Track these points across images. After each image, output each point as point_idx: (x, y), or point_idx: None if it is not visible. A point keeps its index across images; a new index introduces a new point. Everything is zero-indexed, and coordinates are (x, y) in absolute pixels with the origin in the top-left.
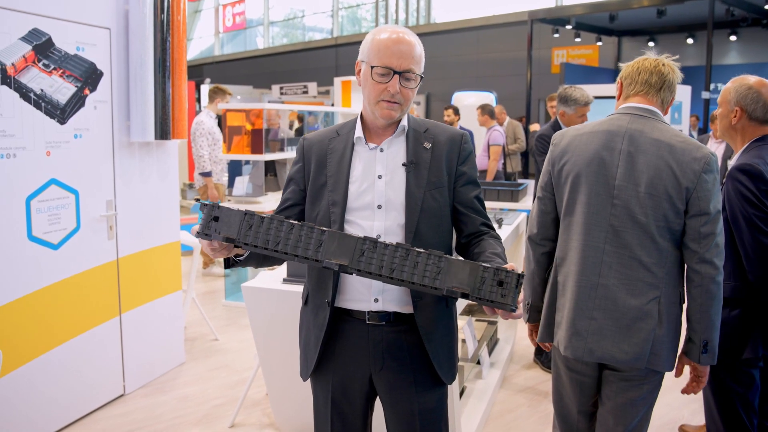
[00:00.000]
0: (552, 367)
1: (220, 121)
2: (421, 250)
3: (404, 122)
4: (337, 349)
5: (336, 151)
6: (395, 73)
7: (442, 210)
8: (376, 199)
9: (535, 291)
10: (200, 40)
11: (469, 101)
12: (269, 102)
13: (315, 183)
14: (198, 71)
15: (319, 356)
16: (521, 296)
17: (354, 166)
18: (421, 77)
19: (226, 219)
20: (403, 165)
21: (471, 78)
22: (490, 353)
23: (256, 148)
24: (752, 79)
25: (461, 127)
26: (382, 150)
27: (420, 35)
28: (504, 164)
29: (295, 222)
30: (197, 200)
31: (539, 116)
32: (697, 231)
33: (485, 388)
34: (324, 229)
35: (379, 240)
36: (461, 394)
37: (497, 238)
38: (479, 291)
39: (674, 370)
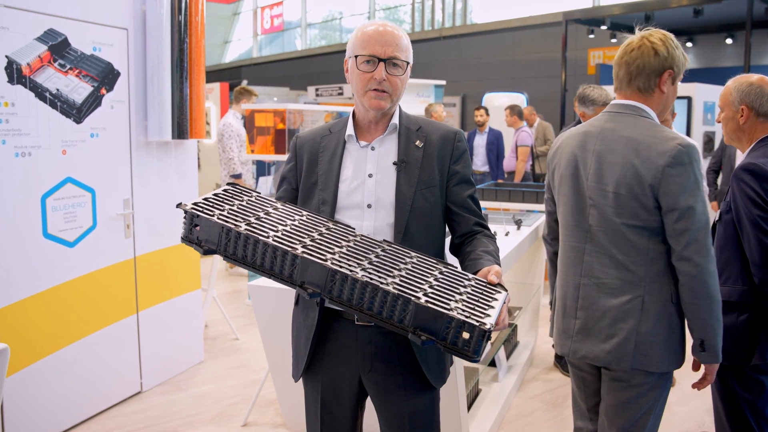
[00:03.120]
0: None
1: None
2: (390, 289)
3: (395, 120)
4: (326, 350)
5: (327, 150)
6: (380, 60)
7: (433, 210)
8: (366, 198)
9: (553, 288)
10: (239, 43)
11: (500, 102)
12: (305, 103)
13: (306, 181)
14: (236, 73)
15: (309, 357)
16: (501, 324)
17: (345, 164)
18: (408, 64)
19: (206, 228)
20: (394, 164)
21: (506, 79)
22: (508, 356)
23: (279, 149)
24: (753, 76)
25: (491, 129)
26: (373, 148)
27: (457, 36)
28: (532, 165)
29: (270, 242)
30: (178, 205)
31: (574, 118)
32: (671, 227)
33: (500, 392)
34: (297, 253)
35: (350, 272)
36: (475, 397)
37: (491, 236)
38: (444, 338)
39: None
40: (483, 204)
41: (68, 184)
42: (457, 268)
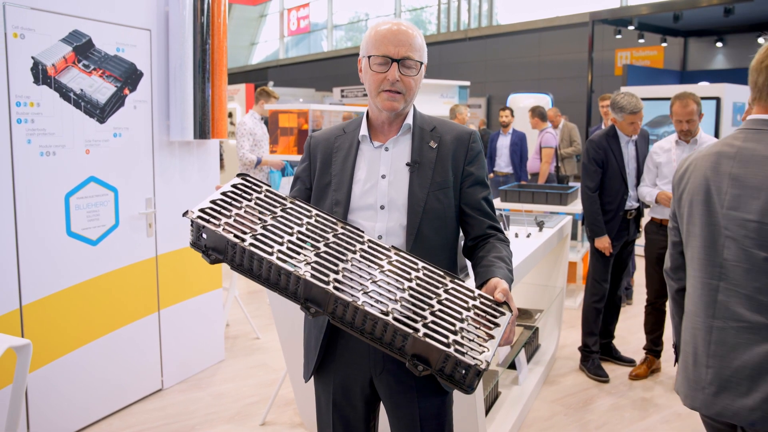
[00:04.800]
0: None
1: (267, 122)
2: (390, 320)
3: (409, 120)
4: (337, 351)
5: (341, 150)
6: (393, 60)
7: (446, 211)
8: (379, 199)
9: (677, 330)
10: (265, 44)
11: (524, 103)
12: (330, 104)
13: (320, 182)
14: (263, 74)
15: (319, 358)
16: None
17: (359, 165)
18: (422, 64)
19: (212, 237)
20: (407, 165)
21: (533, 80)
22: (529, 359)
23: (302, 149)
24: None
25: (515, 130)
26: (387, 149)
27: (483, 37)
28: (557, 167)
29: (274, 261)
30: (184, 214)
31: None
32: None
33: (520, 395)
34: (300, 275)
35: (351, 299)
36: (495, 399)
37: (505, 241)
38: (440, 371)
39: None
40: (506, 205)
41: (91, 183)
42: (463, 281)
